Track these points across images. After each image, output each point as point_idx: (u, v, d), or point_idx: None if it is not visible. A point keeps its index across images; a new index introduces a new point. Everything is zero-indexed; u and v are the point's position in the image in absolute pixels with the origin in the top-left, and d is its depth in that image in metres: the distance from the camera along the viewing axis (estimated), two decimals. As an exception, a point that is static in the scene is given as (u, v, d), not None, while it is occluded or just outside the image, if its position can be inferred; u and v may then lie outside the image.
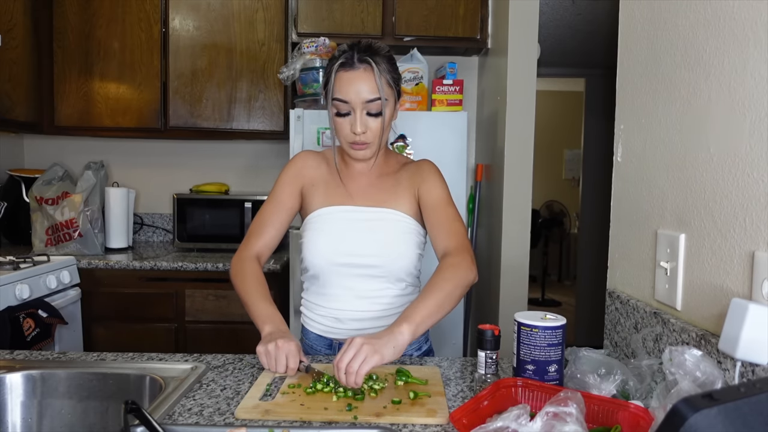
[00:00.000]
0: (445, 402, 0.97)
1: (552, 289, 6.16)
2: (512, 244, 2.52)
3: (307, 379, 1.06)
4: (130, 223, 2.81)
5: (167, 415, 0.92)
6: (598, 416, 0.84)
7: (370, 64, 1.19)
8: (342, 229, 1.27)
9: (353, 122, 1.20)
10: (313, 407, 0.94)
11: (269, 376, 1.07)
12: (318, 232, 1.28)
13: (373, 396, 0.99)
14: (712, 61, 0.91)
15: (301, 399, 0.97)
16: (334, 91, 1.21)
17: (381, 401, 0.97)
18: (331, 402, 0.96)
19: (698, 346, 0.88)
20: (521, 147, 2.50)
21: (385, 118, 1.23)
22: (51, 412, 1.09)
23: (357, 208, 1.29)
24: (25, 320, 1.87)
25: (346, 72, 1.20)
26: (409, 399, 0.98)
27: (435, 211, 1.26)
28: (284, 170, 1.35)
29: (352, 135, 1.22)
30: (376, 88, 1.19)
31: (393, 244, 1.26)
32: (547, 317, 0.98)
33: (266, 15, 2.67)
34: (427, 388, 1.03)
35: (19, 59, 2.44)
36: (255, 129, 2.72)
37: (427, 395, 1.00)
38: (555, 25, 3.41)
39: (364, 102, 1.19)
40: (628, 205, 1.19)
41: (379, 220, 1.27)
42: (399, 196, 1.30)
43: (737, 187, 0.85)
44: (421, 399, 0.98)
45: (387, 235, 1.27)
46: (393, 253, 1.26)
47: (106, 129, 2.71)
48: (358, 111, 1.20)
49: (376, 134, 1.23)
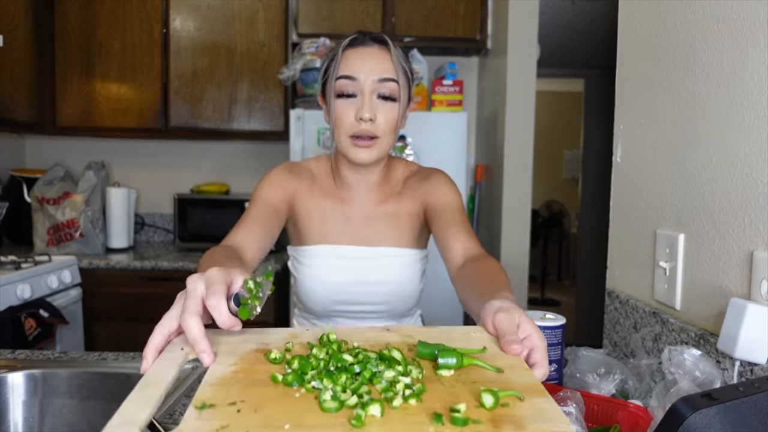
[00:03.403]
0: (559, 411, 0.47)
1: (551, 288, 6.16)
2: (512, 243, 2.52)
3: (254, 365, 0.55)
4: (131, 223, 2.82)
5: (168, 415, 0.92)
6: (598, 416, 0.84)
7: (387, 44, 1.00)
8: (341, 275, 1.11)
9: (360, 105, 0.98)
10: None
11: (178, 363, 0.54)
12: (312, 278, 1.11)
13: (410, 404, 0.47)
14: (712, 61, 0.91)
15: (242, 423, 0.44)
16: (339, 69, 0.99)
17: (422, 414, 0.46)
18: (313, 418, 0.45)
19: (697, 346, 0.88)
20: (521, 147, 2.50)
21: (400, 110, 1.01)
22: (52, 411, 1.09)
23: (356, 249, 1.11)
24: (27, 320, 1.87)
25: (356, 49, 1.00)
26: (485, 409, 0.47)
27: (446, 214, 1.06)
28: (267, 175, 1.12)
29: (357, 123, 0.99)
30: (392, 68, 0.99)
31: (397, 290, 1.12)
32: (546, 317, 0.98)
33: (267, 15, 2.68)
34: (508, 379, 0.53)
35: (20, 60, 2.44)
36: (255, 129, 2.72)
37: (517, 396, 0.49)
38: (555, 25, 3.41)
39: (376, 81, 0.98)
40: (628, 205, 1.19)
41: (381, 267, 1.11)
42: (400, 230, 1.13)
43: (736, 187, 0.85)
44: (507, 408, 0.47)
45: (391, 280, 1.12)
46: (397, 297, 1.13)
47: (107, 129, 2.71)
48: (366, 92, 0.98)
49: (387, 129, 1.00)
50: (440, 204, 1.09)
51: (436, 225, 1.06)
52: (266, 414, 0.46)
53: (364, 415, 0.45)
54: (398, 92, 1.00)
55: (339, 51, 1.01)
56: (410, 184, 1.15)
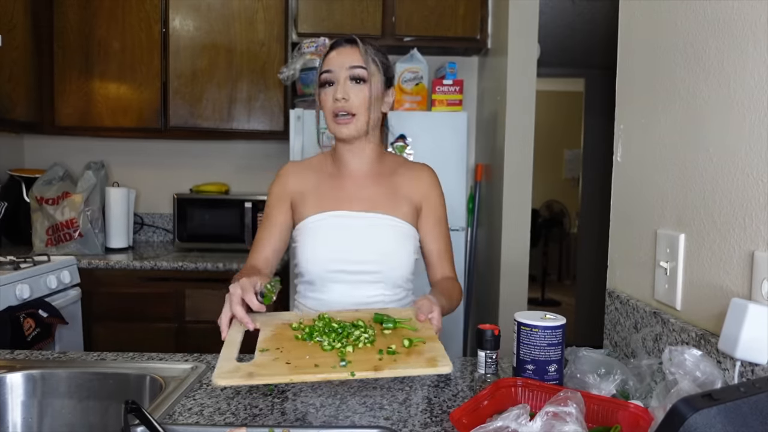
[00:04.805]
0: (442, 348, 0.91)
1: (552, 288, 6.15)
2: (512, 243, 2.52)
3: (284, 331, 1.00)
4: (130, 223, 2.81)
5: (167, 415, 0.92)
6: (598, 416, 0.84)
7: (356, 42, 1.24)
8: (338, 235, 1.25)
9: (336, 89, 1.21)
10: (302, 365, 0.86)
11: (240, 331, 1.00)
12: (312, 238, 1.25)
13: (367, 346, 0.93)
14: (712, 61, 0.91)
15: (284, 356, 0.90)
16: (321, 67, 1.24)
17: (374, 351, 0.91)
18: (319, 354, 0.90)
19: (698, 346, 0.88)
20: (521, 147, 2.50)
21: (371, 91, 1.22)
22: (51, 411, 1.09)
23: (352, 213, 1.26)
24: (26, 320, 1.87)
25: (334, 50, 1.24)
26: (404, 347, 0.92)
27: (437, 229, 1.32)
28: (271, 188, 1.34)
29: (334, 104, 1.21)
30: (359, 58, 1.22)
31: (391, 251, 1.25)
32: (546, 317, 0.98)
33: (266, 15, 2.67)
34: (420, 334, 0.98)
35: (19, 59, 2.44)
36: (255, 129, 2.72)
37: (421, 341, 0.94)
38: (555, 25, 3.41)
39: (346, 68, 1.21)
40: (628, 205, 1.19)
41: (375, 226, 1.25)
42: (396, 202, 1.28)
43: (737, 187, 0.85)
44: (416, 347, 0.92)
45: (384, 241, 1.25)
46: (391, 260, 1.25)
47: (106, 129, 2.71)
48: (341, 78, 1.21)
49: (361, 106, 1.21)
50: (434, 217, 1.32)
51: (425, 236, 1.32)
52: (295, 353, 0.92)
53: (345, 352, 0.91)
54: (367, 75, 1.22)
55: (323, 57, 1.25)
56: (404, 174, 1.33)
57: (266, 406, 0.95)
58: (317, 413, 0.93)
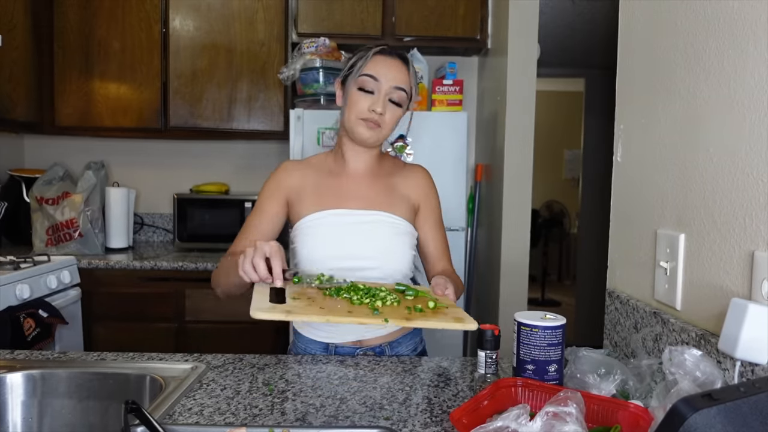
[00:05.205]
0: (464, 312, 1.00)
1: (552, 289, 6.15)
2: (512, 244, 2.52)
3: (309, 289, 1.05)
4: (130, 223, 2.81)
5: (167, 415, 0.92)
6: (598, 416, 0.84)
7: (408, 61, 1.25)
8: (336, 233, 1.25)
9: (375, 101, 1.21)
10: (336, 311, 0.93)
11: (266, 286, 1.03)
12: (311, 236, 1.25)
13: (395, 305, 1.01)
14: (712, 61, 0.91)
15: (318, 303, 0.97)
16: (365, 68, 1.21)
17: (402, 308, 0.99)
18: (350, 306, 0.97)
19: (698, 346, 0.88)
20: (521, 147, 2.50)
21: (402, 112, 1.26)
22: (51, 411, 1.09)
23: (350, 211, 1.27)
24: (26, 320, 1.87)
25: (384, 57, 1.23)
26: (429, 308, 1.00)
27: (437, 229, 1.36)
28: (266, 184, 1.33)
29: (368, 112, 1.21)
30: (407, 81, 1.23)
31: (390, 248, 1.26)
32: (546, 317, 0.98)
33: (266, 15, 2.67)
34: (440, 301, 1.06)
35: (19, 59, 2.44)
36: (255, 129, 2.72)
37: (444, 306, 1.03)
38: (555, 25, 3.41)
39: (392, 87, 1.21)
40: (628, 205, 1.19)
41: (374, 223, 1.26)
42: (394, 201, 1.30)
43: (737, 187, 0.85)
44: (440, 309, 1.01)
45: (383, 238, 1.26)
46: (390, 257, 1.26)
47: (106, 129, 2.71)
48: (383, 93, 1.21)
49: (390, 124, 1.24)
50: (432, 218, 1.35)
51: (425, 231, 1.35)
52: (327, 303, 0.98)
53: (375, 305, 0.99)
54: (405, 100, 1.25)
55: (370, 53, 1.23)
56: (400, 174, 1.35)
57: (266, 406, 0.95)
58: (317, 413, 0.93)
